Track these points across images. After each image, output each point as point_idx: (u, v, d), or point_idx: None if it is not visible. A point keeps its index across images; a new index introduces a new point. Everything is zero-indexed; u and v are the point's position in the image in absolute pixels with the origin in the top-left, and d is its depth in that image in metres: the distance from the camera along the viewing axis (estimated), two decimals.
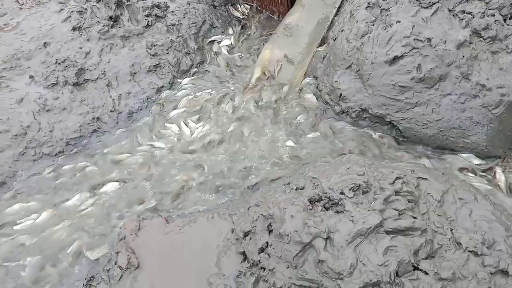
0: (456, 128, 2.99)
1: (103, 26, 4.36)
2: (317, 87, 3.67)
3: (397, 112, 3.13)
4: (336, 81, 3.41)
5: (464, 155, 3.03)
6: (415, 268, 1.97)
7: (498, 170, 2.89)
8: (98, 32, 4.32)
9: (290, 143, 3.28)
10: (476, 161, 2.97)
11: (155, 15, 4.52)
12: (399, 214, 2.15)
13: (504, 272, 2.00)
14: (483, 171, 2.92)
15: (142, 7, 4.56)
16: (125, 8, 4.57)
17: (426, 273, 1.93)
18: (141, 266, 2.53)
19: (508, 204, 2.61)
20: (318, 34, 3.99)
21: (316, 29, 4.04)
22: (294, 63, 3.91)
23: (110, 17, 4.46)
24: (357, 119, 3.34)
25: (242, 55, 4.28)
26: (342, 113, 3.40)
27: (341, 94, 3.37)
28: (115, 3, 4.53)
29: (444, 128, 3.01)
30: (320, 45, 3.92)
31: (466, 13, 3.21)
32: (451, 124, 2.99)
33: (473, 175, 2.86)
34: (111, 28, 4.39)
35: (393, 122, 3.17)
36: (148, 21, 4.44)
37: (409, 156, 3.07)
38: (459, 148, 3.02)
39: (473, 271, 1.98)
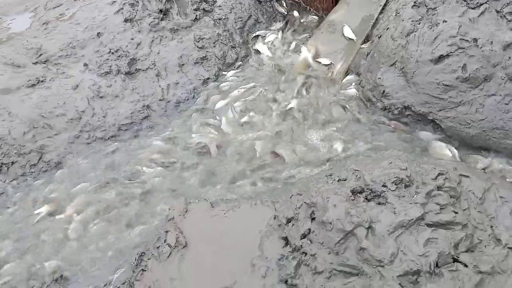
0: (499, 128, 3.01)
1: (154, 18, 4.56)
2: (359, 84, 3.74)
3: (440, 110, 3.17)
4: (380, 78, 3.48)
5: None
6: (455, 260, 2.04)
7: None
8: (149, 25, 4.52)
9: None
10: None
11: (203, 9, 4.68)
12: (441, 208, 2.22)
13: None
14: None
15: (191, 1, 4.73)
16: (174, 2, 4.75)
17: (466, 266, 2.00)
18: (188, 246, 2.69)
19: None
20: (362, 32, 4.04)
21: (360, 26, 4.10)
22: (337, 59, 3.98)
23: (160, 10, 4.66)
24: (399, 116, 3.39)
25: (286, 50, 4.38)
26: (384, 110, 3.46)
27: (384, 91, 3.43)
28: None
29: (487, 128, 3.03)
30: (364, 42, 3.98)
31: None
32: (494, 125, 3.01)
33: None
34: (161, 20, 4.59)
35: (435, 120, 3.21)
36: (196, 15, 4.61)
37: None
38: (501, 149, 3.04)
39: None
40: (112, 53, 4.28)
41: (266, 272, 2.38)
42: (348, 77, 3.87)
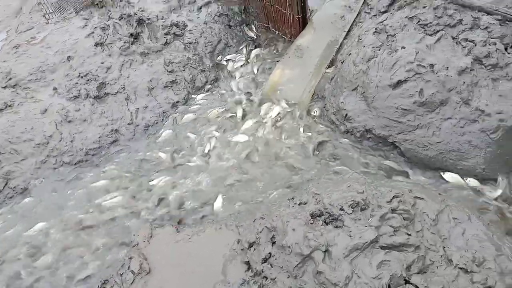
0: (455, 151, 3.12)
1: (124, 42, 4.62)
2: (324, 107, 3.84)
3: (399, 133, 3.27)
4: (342, 102, 3.58)
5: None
6: (407, 282, 2.10)
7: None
8: (119, 48, 4.57)
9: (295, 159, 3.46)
10: (474, 183, 3.08)
11: (174, 33, 4.76)
12: (394, 230, 2.29)
13: None
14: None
15: (162, 25, 4.80)
16: (145, 26, 4.82)
17: (417, 287, 2.07)
18: (152, 272, 2.70)
19: None
20: (327, 56, 4.17)
21: (325, 51, 4.22)
22: (304, 83, 4.08)
23: (131, 34, 4.72)
24: (361, 139, 3.49)
25: (255, 73, 4.47)
26: (347, 133, 3.55)
27: (346, 115, 3.53)
28: (136, 21, 4.79)
29: (444, 150, 3.15)
30: (329, 66, 4.10)
31: (469, 41, 3.36)
32: (451, 147, 3.13)
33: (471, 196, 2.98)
34: (132, 44, 4.64)
35: (395, 143, 3.32)
36: (166, 39, 4.68)
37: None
38: (457, 170, 3.15)
39: (462, 287, 2.10)
40: (82, 77, 4.30)
41: None
42: (315, 100, 3.97)
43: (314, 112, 3.85)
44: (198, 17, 4.97)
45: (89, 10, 5.34)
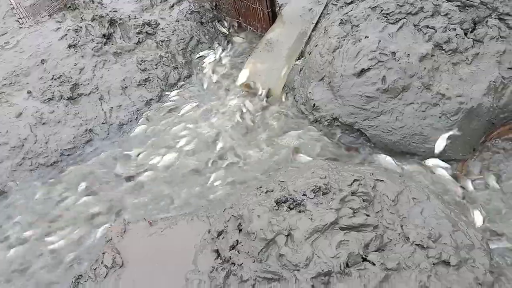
0: (418, 134, 3.22)
1: (97, 43, 4.66)
2: (294, 98, 3.92)
3: (365, 120, 3.37)
4: (310, 92, 3.66)
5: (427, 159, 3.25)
6: (364, 260, 2.19)
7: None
8: (92, 49, 4.61)
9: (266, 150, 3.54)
10: (438, 164, 3.18)
11: (146, 32, 4.81)
12: (354, 212, 2.38)
13: (446, 263, 2.22)
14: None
15: (134, 25, 4.85)
16: (117, 26, 4.86)
17: (374, 264, 2.16)
18: (125, 265, 2.76)
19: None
20: (296, 49, 4.25)
21: (295, 43, 4.30)
22: (275, 76, 4.16)
23: (104, 35, 4.76)
24: (329, 127, 3.58)
25: (227, 68, 4.54)
26: (315, 122, 3.64)
27: (314, 104, 3.62)
28: (108, 22, 4.84)
29: (407, 134, 3.24)
30: (298, 58, 4.18)
31: (430, 27, 3.46)
32: (413, 131, 3.23)
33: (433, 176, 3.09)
34: (104, 45, 4.69)
35: (361, 129, 3.41)
36: (139, 38, 4.73)
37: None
38: (421, 153, 3.25)
39: (417, 262, 2.20)
40: (55, 79, 4.34)
41: (199, 285, 2.49)
42: (285, 91, 4.05)
43: (284, 104, 3.92)
44: (170, 15, 5.03)
45: (62, 13, 5.37)
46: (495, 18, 3.45)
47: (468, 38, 3.40)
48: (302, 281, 2.11)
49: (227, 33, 4.99)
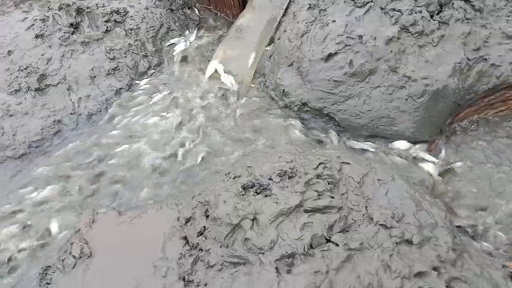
0: (385, 117, 3.26)
1: (64, 33, 4.56)
2: (264, 84, 3.91)
3: (333, 104, 3.38)
4: (280, 78, 3.66)
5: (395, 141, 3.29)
6: (328, 241, 2.21)
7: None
8: (60, 39, 4.51)
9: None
10: (405, 146, 3.23)
11: (114, 20, 4.72)
12: (319, 195, 2.40)
13: (409, 242, 2.26)
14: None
15: (102, 13, 4.76)
16: (85, 15, 4.76)
17: (337, 245, 2.18)
18: (94, 255, 2.74)
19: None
20: (267, 34, 4.23)
21: (265, 29, 4.28)
22: (245, 63, 4.14)
23: (71, 24, 4.66)
24: (299, 113, 3.58)
25: (198, 56, 4.50)
26: (285, 108, 3.64)
27: (284, 90, 3.62)
28: (75, 11, 4.73)
29: (375, 117, 3.27)
30: (269, 44, 4.16)
31: (396, 10, 3.47)
32: (381, 114, 3.26)
33: (400, 158, 3.13)
34: (72, 34, 4.59)
35: (330, 114, 3.42)
36: (107, 27, 4.64)
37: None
38: (388, 135, 3.29)
39: (380, 242, 2.23)
40: (22, 70, 4.24)
41: (167, 272, 2.48)
42: (256, 77, 4.04)
43: (254, 91, 3.92)
44: (139, 3, 4.94)
45: (29, 2, 5.22)
46: (460, 0, 3.48)
47: (434, 20, 3.42)
48: (266, 263, 2.12)
49: (198, 20, 4.94)
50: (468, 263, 2.35)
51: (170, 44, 4.71)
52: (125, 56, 4.41)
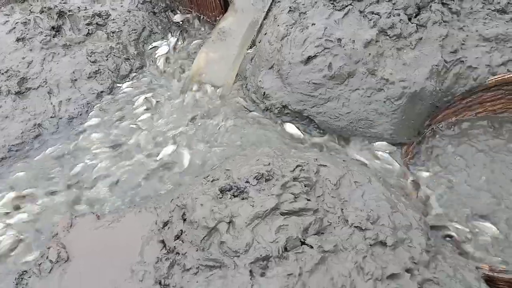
0: (364, 119, 3.28)
1: (46, 36, 4.53)
2: (246, 87, 3.93)
3: (313, 107, 3.40)
4: (260, 81, 3.67)
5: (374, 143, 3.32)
6: (303, 243, 2.23)
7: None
8: (41, 42, 4.48)
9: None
10: (383, 148, 3.26)
11: (96, 23, 4.71)
12: (295, 197, 2.41)
13: (383, 243, 2.28)
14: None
15: (84, 16, 4.74)
16: (67, 18, 4.74)
17: (311, 247, 2.20)
18: (71, 259, 2.72)
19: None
20: (248, 37, 4.24)
21: (247, 32, 4.29)
22: (227, 65, 4.14)
23: (52, 27, 4.63)
24: (279, 115, 3.60)
25: (181, 59, 4.50)
26: (266, 110, 3.66)
27: (264, 93, 3.63)
28: (57, 14, 4.71)
29: (354, 120, 3.30)
30: (250, 47, 4.18)
31: (375, 14, 3.51)
32: (359, 116, 3.28)
33: (378, 161, 3.16)
34: (53, 37, 4.56)
35: (310, 116, 3.44)
36: (88, 30, 4.63)
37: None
38: (367, 137, 3.31)
39: (355, 244, 2.25)
40: (2, 73, 4.21)
41: (144, 276, 2.48)
42: (237, 81, 4.05)
43: (236, 94, 3.93)
44: (121, 6, 4.93)
45: (11, 5, 5.17)
46: (438, 3, 3.52)
47: (412, 23, 3.46)
48: (241, 266, 2.13)
49: (181, 22, 4.94)
50: (441, 264, 2.37)
51: (153, 47, 4.71)
52: (107, 59, 4.40)
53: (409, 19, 3.49)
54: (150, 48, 4.71)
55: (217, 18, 4.67)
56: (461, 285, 2.33)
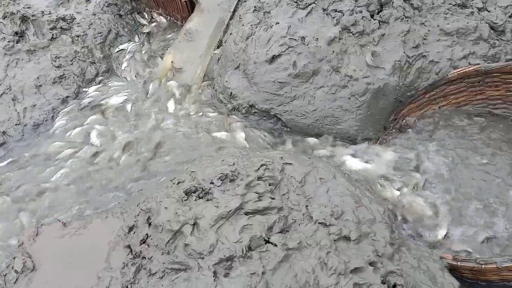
0: (330, 116, 3.31)
1: (8, 42, 4.44)
2: (213, 87, 3.92)
3: (279, 105, 3.42)
4: (227, 81, 3.67)
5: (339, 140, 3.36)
6: (267, 242, 2.23)
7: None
8: (4, 48, 4.39)
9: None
10: (350, 143, 3.30)
11: (61, 27, 4.63)
12: (259, 196, 2.41)
13: (347, 238, 2.30)
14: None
15: (48, 20, 4.66)
16: (30, 23, 4.65)
17: (275, 245, 2.20)
18: (37, 268, 2.68)
19: None
20: (215, 38, 4.23)
21: (213, 32, 4.28)
22: (195, 66, 4.13)
23: (16, 33, 4.53)
24: (247, 115, 3.61)
25: (147, 61, 4.46)
26: (234, 110, 3.66)
27: (231, 93, 3.63)
28: (20, 19, 4.61)
29: (319, 117, 3.33)
30: (217, 47, 4.17)
31: (337, 11, 3.54)
32: (325, 113, 3.31)
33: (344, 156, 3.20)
34: (17, 43, 4.47)
35: (277, 115, 3.46)
36: (53, 34, 4.55)
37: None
38: (334, 134, 3.35)
39: (319, 240, 2.26)
40: None
41: (110, 282, 2.45)
42: (205, 81, 4.04)
43: (203, 94, 3.92)
44: (86, 9, 4.86)
45: None
46: None
47: (375, 19, 3.51)
48: (205, 268, 2.12)
49: (147, 24, 4.90)
50: (406, 256, 2.41)
51: (119, 50, 4.66)
52: (72, 64, 4.33)
53: (372, 16, 3.54)
54: (117, 51, 4.66)
55: (184, 18, 4.65)
56: (425, 276, 2.37)
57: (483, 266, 2.37)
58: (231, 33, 3.85)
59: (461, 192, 2.95)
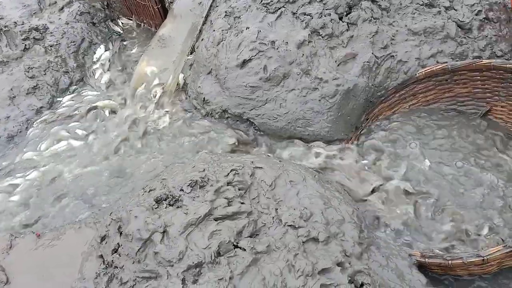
0: (301, 118, 3.35)
1: None
2: (186, 93, 3.94)
3: (252, 110, 3.45)
4: (200, 86, 3.70)
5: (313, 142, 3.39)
6: (236, 247, 2.26)
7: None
8: None
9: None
10: (322, 145, 3.33)
11: (34, 37, 4.60)
12: (229, 201, 2.44)
13: (315, 239, 2.34)
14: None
15: (20, 31, 4.62)
16: (2, 34, 4.62)
17: (244, 250, 2.23)
18: (11, 281, 2.67)
19: None
20: (188, 44, 4.24)
21: (186, 38, 4.29)
22: (168, 73, 4.14)
23: None
24: (220, 120, 3.63)
25: (122, 68, 4.47)
26: (207, 115, 3.68)
27: (204, 98, 3.65)
28: None
29: (291, 120, 3.36)
30: (190, 53, 4.18)
31: (306, 14, 3.58)
32: (297, 116, 3.35)
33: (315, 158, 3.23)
34: None
35: (250, 119, 3.49)
36: (25, 45, 4.52)
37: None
38: (306, 136, 3.38)
39: (287, 242, 2.29)
40: None
41: None
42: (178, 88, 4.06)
43: (177, 100, 3.94)
44: (59, 18, 4.83)
45: None
46: (368, 1, 3.62)
47: (343, 22, 3.56)
48: (174, 275, 2.14)
49: (121, 32, 4.90)
50: (375, 255, 2.46)
51: (93, 58, 4.65)
52: (45, 74, 4.31)
53: (340, 18, 3.58)
54: (91, 60, 4.64)
55: (157, 25, 4.66)
56: (394, 273, 2.42)
57: (450, 261, 2.43)
58: (202, 39, 3.88)
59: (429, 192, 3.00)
